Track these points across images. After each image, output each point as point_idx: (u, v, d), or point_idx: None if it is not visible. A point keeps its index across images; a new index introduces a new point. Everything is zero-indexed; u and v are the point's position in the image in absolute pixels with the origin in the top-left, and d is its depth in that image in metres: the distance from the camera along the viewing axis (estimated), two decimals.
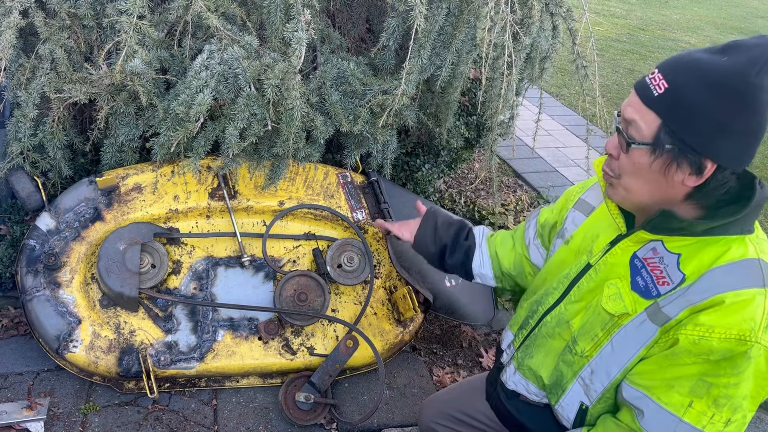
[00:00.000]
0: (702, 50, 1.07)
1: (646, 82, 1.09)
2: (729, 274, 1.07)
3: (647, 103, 1.08)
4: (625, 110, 1.12)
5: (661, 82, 1.06)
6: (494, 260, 1.66)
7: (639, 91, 1.10)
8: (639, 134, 1.09)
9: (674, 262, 1.13)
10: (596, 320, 1.23)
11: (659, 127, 1.07)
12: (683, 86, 1.04)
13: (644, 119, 1.08)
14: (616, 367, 1.19)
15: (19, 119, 2.06)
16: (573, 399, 1.30)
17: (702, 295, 1.07)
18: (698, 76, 1.03)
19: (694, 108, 1.03)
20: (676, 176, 1.08)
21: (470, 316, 2.38)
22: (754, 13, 11.63)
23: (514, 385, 1.45)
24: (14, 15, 1.93)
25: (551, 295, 1.37)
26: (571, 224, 1.43)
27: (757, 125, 1.03)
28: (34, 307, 2.00)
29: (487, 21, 1.87)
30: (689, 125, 1.04)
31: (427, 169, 2.82)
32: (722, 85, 1.01)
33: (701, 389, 1.07)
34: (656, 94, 1.07)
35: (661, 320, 1.12)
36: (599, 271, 1.26)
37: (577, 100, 5.80)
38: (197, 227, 2.25)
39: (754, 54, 1.01)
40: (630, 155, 1.12)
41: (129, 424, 2.04)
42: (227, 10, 2.00)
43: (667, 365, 1.11)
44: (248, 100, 1.92)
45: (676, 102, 1.05)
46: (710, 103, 1.02)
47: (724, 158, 1.05)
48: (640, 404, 1.15)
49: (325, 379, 2.15)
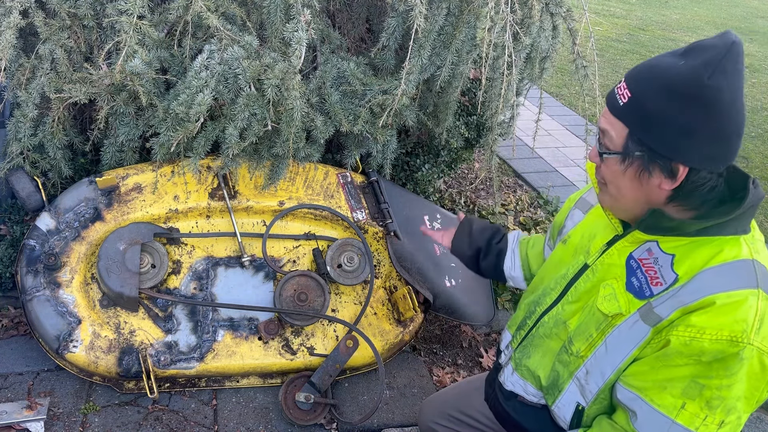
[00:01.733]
0: (666, 54, 1.09)
1: (614, 92, 1.12)
2: (721, 275, 1.07)
3: (614, 113, 1.11)
4: (600, 121, 1.16)
5: (625, 91, 1.09)
6: (524, 263, 1.67)
7: (608, 101, 1.13)
8: (612, 143, 1.13)
9: (668, 262, 1.13)
10: (591, 320, 1.23)
11: (627, 136, 1.10)
12: (643, 94, 1.07)
13: (614, 129, 1.11)
14: (610, 367, 1.19)
15: (19, 119, 2.06)
16: (569, 399, 1.30)
17: (693, 296, 1.07)
18: (657, 83, 1.05)
19: (655, 115, 1.05)
20: (652, 181, 1.10)
21: (470, 316, 2.38)
22: (754, 13, 11.63)
23: (512, 386, 1.45)
24: (14, 15, 1.93)
25: (549, 295, 1.37)
26: (570, 222, 1.45)
27: (726, 124, 1.04)
28: (34, 307, 2.00)
29: (487, 21, 1.88)
30: (653, 132, 1.06)
31: (427, 169, 2.82)
32: (679, 90, 1.03)
33: (694, 391, 1.07)
34: (621, 103, 1.10)
35: (653, 321, 1.12)
36: (596, 272, 1.26)
37: (577, 100, 5.80)
38: (197, 227, 2.25)
39: (709, 56, 1.02)
40: (605, 164, 1.16)
41: (129, 424, 2.04)
42: (227, 10, 2.00)
43: (659, 366, 1.11)
44: (248, 100, 1.92)
45: (639, 110, 1.07)
46: (670, 109, 1.04)
47: (694, 160, 1.06)
48: (633, 405, 1.15)
49: (325, 379, 2.15)
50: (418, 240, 2.41)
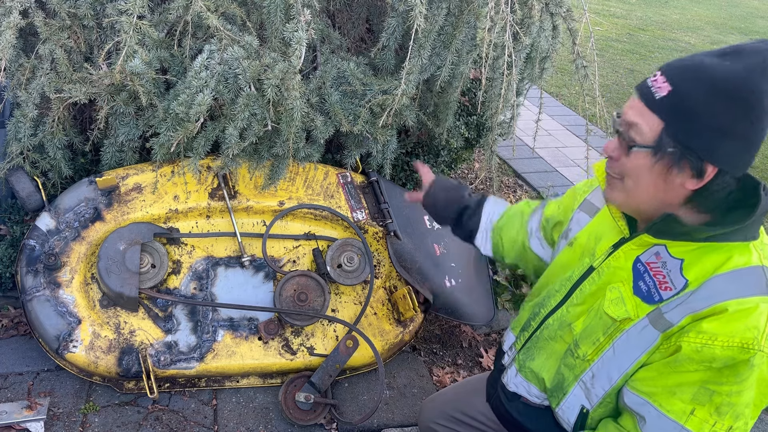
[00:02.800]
0: (705, 54, 1.07)
1: (648, 84, 1.08)
2: (732, 282, 1.06)
3: (650, 106, 1.07)
4: (626, 113, 1.11)
5: (664, 84, 1.06)
6: (497, 247, 1.65)
7: (642, 94, 1.09)
8: (641, 137, 1.09)
9: (677, 267, 1.12)
10: (598, 324, 1.22)
11: (662, 130, 1.06)
12: (686, 90, 1.04)
13: (646, 122, 1.08)
14: (618, 371, 1.19)
15: (19, 119, 2.06)
16: (574, 402, 1.30)
17: (705, 302, 1.07)
18: (702, 80, 1.03)
19: (697, 112, 1.03)
20: (677, 179, 1.08)
21: (470, 316, 2.38)
22: (754, 13, 11.63)
23: (516, 387, 1.44)
24: (14, 15, 1.93)
25: (553, 297, 1.37)
26: (576, 225, 1.43)
27: (760, 130, 1.03)
28: (34, 307, 2.00)
29: (487, 21, 1.88)
30: (692, 129, 1.04)
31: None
32: (724, 90, 1.01)
33: (704, 397, 1.07)
34: (659, 96, 1.06)
35: (663, 326, 1.11)
36: (602, 275, 1.25)
37: (577, 100, 5.80)
38: (197, 227, 2.25)
39: (754, 60, 1.01)
40: (631, 157, 1.11)
41: (129, 424, 2.04)
42: (227, 10, 2.00)
43: (669, 372, 1.11)
44: (248, 100, 1.92)
45: (679, 105, 1.04)
46: (713, 108, 1.02)
47: (725, 162, 1.04)
48: (642, 410, 1.14)
49: (325, 379, 2.15)
50: (418, 240, 2.41)
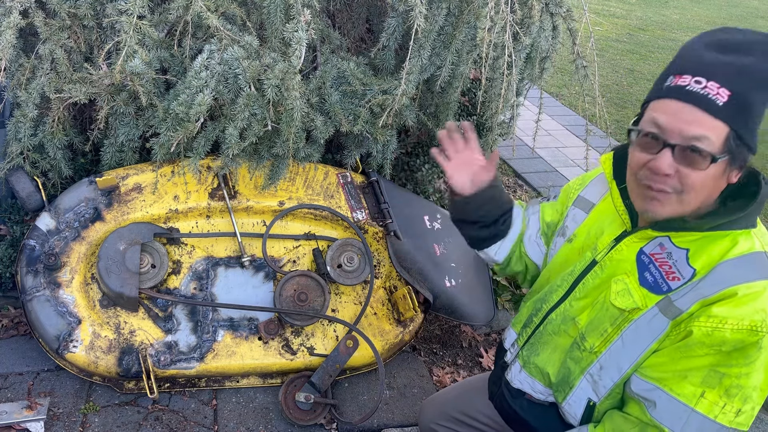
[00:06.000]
0: (715, 53, 1.08)
1: (703, 95, 1.06)
2: (739, 267, 1.10)
3: (714, 114, 1.06)
4: (687, 128, 1.07)
5: (721, 90, 1.05)
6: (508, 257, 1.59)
7: (701, 104, 1.06)
8: (713, 147, 1.06)
9: (683, 257, 1.16)
10: (605, 316, 1.24)
11: (727, 135, 1.07)
12: (747, 90, 1.06)
13: (714, 132, 1.06)
14: (628, 361, 1.21)
15: (19, 119, 2.06)
16: (581, 396, 1.30)
17: (714, 288, 1.10)
18: (753, 79, 1.06)
19: (754, 111, 1.07)
20: (727, 177, 1.12)
21: (470, 316, 2.38)
22: (754, 13, 11.62)
23: (520, 384, 1.45)
24: (14, 15, 1.93)
25: (555, 292, 1.38)
26: (572, 222, 1.44)
27: None
28: (34, 307, 2.00)
29: (487, 21, 1.88)
30: (751, 128, 1.08)
31: (427, 169, 2.82)
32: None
33: (714, 379, 1.10)
34: (721, 103, 1.05)
35: (673, 314, 1.14)
36: (605, 268, 1.27)
37: (577, 100, 5.80)
38: (197, 227, 2.25)
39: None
40: (707, 171, 1.08)
41: (129, 424, 2.04)
42: (227, 10, 2.00)
43: (679, 357, 1.13)
44: (248, 100, 1.92)
45: (741, 108, 1.06)
46: (764, 103, 1.07)
47: (757, 149, 1.11)
48: (652, 396, 1.16)
49: (325, 379, 2.15)
50: (418, 240, 2.41)
